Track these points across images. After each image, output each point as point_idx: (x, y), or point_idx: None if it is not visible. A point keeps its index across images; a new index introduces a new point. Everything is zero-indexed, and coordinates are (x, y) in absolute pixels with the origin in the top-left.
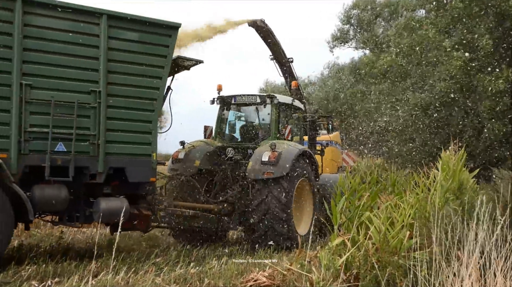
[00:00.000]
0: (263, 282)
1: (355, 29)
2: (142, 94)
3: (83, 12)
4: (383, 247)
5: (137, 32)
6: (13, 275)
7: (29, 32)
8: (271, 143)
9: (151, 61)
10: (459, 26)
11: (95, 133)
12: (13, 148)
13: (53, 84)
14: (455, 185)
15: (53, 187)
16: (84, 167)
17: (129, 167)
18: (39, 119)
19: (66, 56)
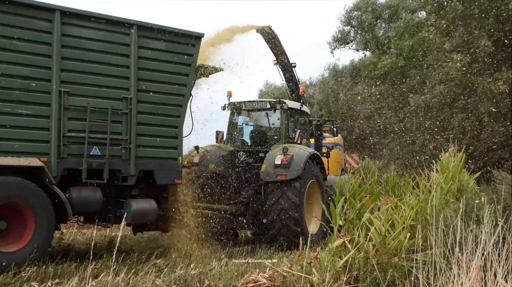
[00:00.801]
0: (263, 283)
1: (356, 30)
2: (169, 100)
3: (115, 23)
4: (384, 248)
5: (164, 41)
6: (13, 276)
7: (67, 42)
8: (283, 147)
9: (177, 69)
10: (459, 28)
11: (126, 138)
12: (53, 152)
13: (88, 91)
14: (455, 187)
15: (89, 189)
16: (117, 169)
17: (157, 170)
18: (76, 125)
19: (100, 64)
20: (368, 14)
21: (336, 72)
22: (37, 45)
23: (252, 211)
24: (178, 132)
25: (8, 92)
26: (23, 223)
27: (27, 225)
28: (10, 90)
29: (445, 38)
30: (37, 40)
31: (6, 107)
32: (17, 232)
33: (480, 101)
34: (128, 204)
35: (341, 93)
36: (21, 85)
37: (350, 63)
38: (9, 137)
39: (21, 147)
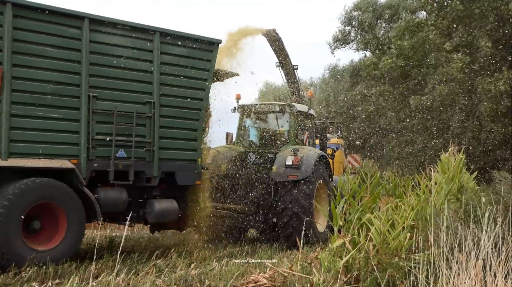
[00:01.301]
0: (263, 283)
1: (356, 30)
2: (189, 104)
3: (139, 30)
4: (384, 248)
5: (184, 47)
6: (14, 277)
7: (95, 48)
8: (294, 148)
9: (196, 74)
10: (459, 28)
11: (150, 140)
12: (82, 154)
13: (115, 96)
14: (455, 187)
15: (115, 189)
16: (141, 171)
17: (179, 171)
18: (103, 128)
19: (126, 70)
20: (369, 14)
21: (337, 72)
22: (68, 52)
23: (262, 210)
24: (197, 135)
25: (41, 97)
26: (56, 222)
27: (60, 225)
28: (42, 95)
29: (445, 38)
30: (68, 47)
31: (39, 111)
32: (50, 231)
33: (480, 101)
34: (151, 204)
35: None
36: (53, 90)
37: (350, 63)
38: (42, 140)
39: (53, 150)
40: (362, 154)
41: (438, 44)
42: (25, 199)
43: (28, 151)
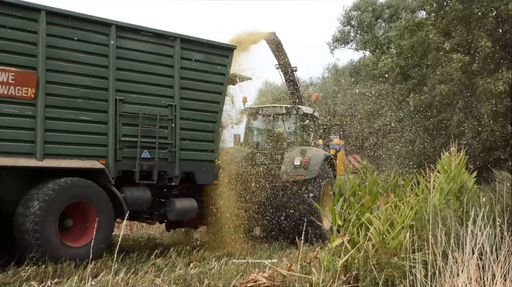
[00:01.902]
0: (263, 283)
1: (356, 30)
2: (207, 107)
3: (161, 36)
4: (383, 248)
5: (202, 53)
6: (13, 276)
7: (121, 54)
8: (301, 149)
9: (213, 79)
10: (459, 28)
11: (172, 142)
12: (110, 155)
13: (140, 99)
14: (455, 187)
15: (140, 188)
16: (164, 171)
17: (197, 171)
18: (129, 130)
19: (149, 74)
20: (368, 14)
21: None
22: (96, 57)
23: (271, 208)
24: (215, 137)
25: (72, 100)
26: (87, 220)
27: (91, 222)
28: (73, 99)
29: (445, 38)
30: (96, 53)
31: (70, 114)
32: (82, 229)
33: (480, 101)
34: (172, 203)
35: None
36: (83, 94)
37: (349, 62)
38: (73, 142)
39: (83, 151)
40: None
41: (438, 44)
42: (62, 197)
43: (60, 152)
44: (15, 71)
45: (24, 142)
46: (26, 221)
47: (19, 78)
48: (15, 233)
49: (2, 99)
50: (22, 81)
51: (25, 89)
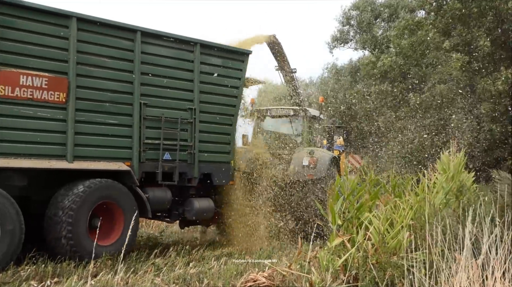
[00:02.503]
0: (262, 282)
1: (355, 30)
2: (223, 110)
3: (182, 41)
4: (383, 248)
5: (220, 58)
6: (12, 275)
7: (145, 59)
8: (310, 150)
9: (230, 83)
10: (458, 27)
11: (191, 144)
12: (134, 157)
13: (162, 103)
14: (455, 186)
15: (161, 189)
16: (183, 172)
17: (215, 172)
18: (152, 133)
19: (171, 79)
20: (367, 13)
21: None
22: (122, 62)
23: (279, 207)
24: (231, 139)
25: (100, 104)
26: (113, 220)
27: (117, 222)
28: (101, 103)
29: (444, 37)
30: (122, 58)
31: (98, 117)
32: (109, 228)
33: (479, 100)
34: (191, 203)
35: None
36: (110, 98)
37: (349, 62)
38: (101, 144)
39: (110, 153)
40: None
41: (437, 43)
42: (92, 197)
43: (89, 154)
44: (48, 76)
45: (55, 145)
46: (58, 220)
47: (51, 83)
48: (46, 232)
49: (36, 103)
50: (54, 86)
51: (57, 93)
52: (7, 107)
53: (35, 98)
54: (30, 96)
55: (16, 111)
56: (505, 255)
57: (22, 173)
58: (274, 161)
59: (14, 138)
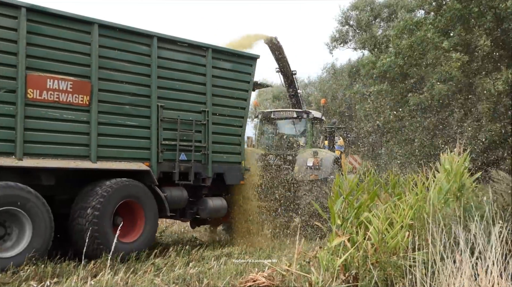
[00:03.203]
0: (262, 282)
1: (354, 30)
2: (234, 113)
3: (195, 47)
4: (382, 247)
5: (230, 62)
6: (12, 275)
7: (161, 63)
8: (313, 151)
9: (239, 86)
10: (457, 27)
11: (205, 145)
12: (153, 157)
13: (178, 105)
14: (456, 186)
15: (178, 188)
16: (198, 172)
17: (227, 172)
18: (169, 134)
19: (185, 82)
20: (366, 13)
21: (336, 71)
22: (140, 67)
23: (284, 205)
24: (241, 140)
25: (121, 107)
26: (134, 218)
27: (138, 220)
28: (122, 105)
29: (443, 37)
30: (140, 62)
31: (119, 119)
32: (130, 226)
33: (479, 100)
34: (205, 202)
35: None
36: (129, 101)
37: (348, 62)
38: (122, 145)
39: (130, 153)
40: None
41: (437, 43)
42: (116, 196)
43: (111, 155)
44: (73, 80)
45: (80, 146)
46: (84, 218)
47: (76, 86)
48: (72, 229)
49: (62, 106)
50: (78, 89)
51: (81, 96)
52: (35, 110)
53: (61, 101)
54: (56, 99)
55: (44, 113)
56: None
57: (49, 173)
58: (279, 162)
59: (42, 139)
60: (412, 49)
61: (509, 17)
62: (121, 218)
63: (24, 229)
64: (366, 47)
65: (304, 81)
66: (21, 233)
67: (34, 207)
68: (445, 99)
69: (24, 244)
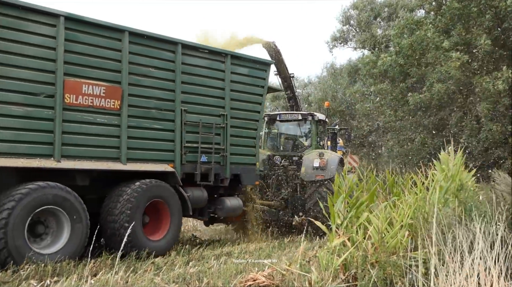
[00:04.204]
0: (262, 281)
1: (355, 29)
2: (250, 116)
3: (215, 53)
4: (382, 247)
5: (247, 68)
6: (12, 275)
7: (184, 69)
8: (319, 152)
9: (255, 91)
10: (458, 26)
11: (223, 147)
12: (177, 159)
13: (200, 109)
14: (454, 185)
15: (199, 189)
16: (217, 173)
17: (243, 173)
18: (191, 137)
19: (206, 87)
20: (366, 12)
21: (335, 70)
22: (166, 72)
23: (291, 205)
24: (256, 143)
25: (148, 111)
26: (160, 217)
27: (164, 219)
28: (149, 109)
29: (443, 36)
30: (166, 68)
31: (146, 123)
32: (156, 225)
33: (479, 100)
34: (223, 201)
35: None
36: (156, 105)
37: (348, 61)
38: (149, 148)
39: (156, 155)
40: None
41: (437, 43)
42: (146, 195)
43: (139, 157)
44: (106, 85)
45: (111, 148)
46: (116, 217)
47: (108, 91)
48: (105, 228)
49: (96, 110)
50: (110, 94)
51: (112, 101)
52: (72, 114)
53: (94, 105)
54: (91, 103)
55: (79, 117)
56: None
57: (84, 174)
58: (285, 163)
59: (78, 142)
60: (413, 49)
61: (509, 16)
62: (148, 216)
63: (63, 227)
64: (366, 46)
65: (304, 81)
66: (59, 231)
67: (73, 206)
68: (444, 98)
69: (63, 242)
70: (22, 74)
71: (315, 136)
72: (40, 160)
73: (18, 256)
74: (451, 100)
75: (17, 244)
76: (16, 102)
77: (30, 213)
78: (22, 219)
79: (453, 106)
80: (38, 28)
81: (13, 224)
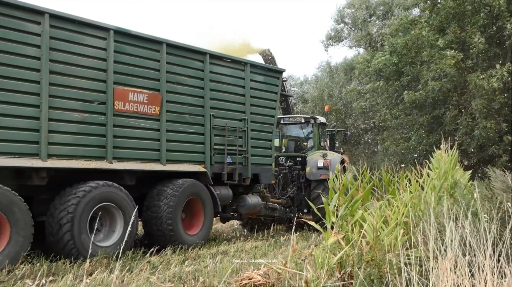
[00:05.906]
0: (257, 280)
1: (350, 28)
2: (266, 120)
3: (237, 62)
4: (377, 245)
5: (263, 75)
6: (7, 274)
7: (212, 77)
8: (323, 153)
9: (270, 97)
10: (452, 25)
11: (245, 149)
12: (207, 160)
13: (225, 114)
14: (448, 183)
15: (225, 187)
16: (240, 173)
17: (262, 173)
18: (218, 140)
19: (230, 94)
20: (362, 11)
21: (331, 69)
22: (197, 80)
23: (296, 203)
24: (271, 145)
25: (182, 116)
26: (195, 213)
27: (199, 215)
28: (183, 115)
29: (438, 35)
30: (196, 76)
31: (181, 127)
32: (191, 220)
33: (474, 98)
34: (244, 199)
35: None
36: (189, 110)
37: (343, 60)
38: (183, 150)
39: (189, 157)
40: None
41: (431, 41)
42: (186, 193)
43: (176, 158)
44: (148, 93)
45: (153, 150)
46: (160, 213)
47: (150, 98)
48: (148, 223)
49: (140, 115)
50: (152, 101)
51: (153, 107)
52: (120, 119)
53: (139, 111)
54: (135, 109)
55: (126, 122)
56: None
57: (131, 174)
58: (290, 163)
59: (126, 145)
60: (407, 47)
61: (503, 15)
62: (184, 213)
63: (116, 223)
64: (361, 45)
65: (300, 79)
66: (112, 226)
67: (126, 204)
68: (439, 96)
69: (116, 236)
70: (79, 83)
71: (317, 138)
72: (96, 161)
73: (82, 247)
74: (446, 98)
75: (82, 237)
76: (75, 109)
77: (91, 209)
78: (85, 214)
79: (448, 104)
80: (91, 40)
81: (78, 218)
